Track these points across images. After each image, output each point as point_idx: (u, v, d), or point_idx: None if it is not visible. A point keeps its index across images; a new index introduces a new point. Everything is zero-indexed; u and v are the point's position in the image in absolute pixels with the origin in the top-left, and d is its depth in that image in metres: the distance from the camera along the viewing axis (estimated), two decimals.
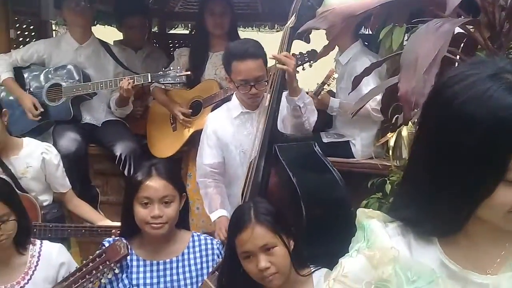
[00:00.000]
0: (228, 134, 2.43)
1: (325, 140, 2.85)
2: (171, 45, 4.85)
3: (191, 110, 3.06)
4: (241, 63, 2.21)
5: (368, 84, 2.27)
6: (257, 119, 2.29)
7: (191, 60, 3.14)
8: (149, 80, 2.85)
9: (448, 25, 1.31)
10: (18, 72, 3.09)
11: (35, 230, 2.09)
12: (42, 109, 2.96)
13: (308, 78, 3.25)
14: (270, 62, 2.31)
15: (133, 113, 3.28)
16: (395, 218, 0.90)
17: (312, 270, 1.60)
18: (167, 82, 2.82)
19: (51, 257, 1.91)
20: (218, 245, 1.94)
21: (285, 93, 2.24)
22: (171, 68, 2.89)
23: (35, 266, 1.87)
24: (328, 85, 2.77)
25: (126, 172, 2.95)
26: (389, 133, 2.46)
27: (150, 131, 3.28)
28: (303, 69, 2.71)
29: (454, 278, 0.82)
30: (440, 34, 1.29)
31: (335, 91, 3.08)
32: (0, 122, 2.27)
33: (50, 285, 1.84)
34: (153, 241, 1.82)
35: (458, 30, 1.49)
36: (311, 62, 2.68)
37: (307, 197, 1.79)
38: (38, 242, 1.94)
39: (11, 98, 3.04)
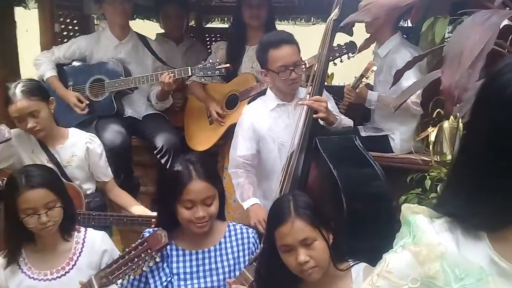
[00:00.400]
0: (265, 126, 2.44)
1: (363, 134, 2.82)
2: (207, 39, 4.89)
3: (226, 111, 3.08)
4: (279, 50, 2.28)
5: (409, 77, 2.24)
6: (293, 111, 2.29)
7: (228, 53, 3.16)
8: (189, 74, 2.88)
9: (496, 17, 1.27)
10: (61, 68, 3.18)
11: (79, 217, 2.16)
12: (87, 101, 3.03)
13: (346, 71, 3.22)
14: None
15: (173, 106, 3.33)
16: (442, 213, 0.88)
17: (351, 264, 1.60)
18: (206, 75, 2.85)
19: (95, 244, 1.97)
20: (253, 234, 1.96)
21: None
22: (210, 61, 2.90)
23: (80, 253, 1.94)
24: (367, 78, 2.73)
25: (165, 162, 3.00)
26: (430, 127, 2.41)
27: (188, 124, 3.33)
28: (341, 61, 2.69)
29: (504, 276, 0.80)
30: (487, 27, 1.25)
31: (372, 84, 3.04)
32: (47, 109, 2.35)
33: (93, 271, 1.89)
34: (193, 233, 1.85)
35: (505, 22, 1.44)
36: (350, 54, 2.65)
37: (348, 191, 1.78)
38: (82, 229, 2.00)
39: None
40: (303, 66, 2.32)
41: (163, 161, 3.02)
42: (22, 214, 1.80)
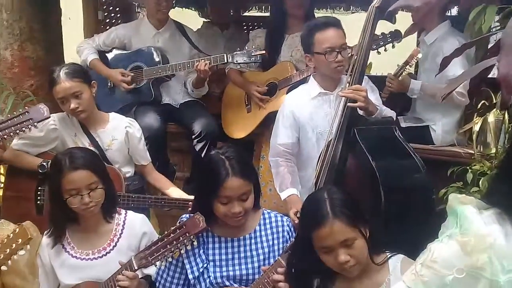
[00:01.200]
0: (305, 114, 2.42)
1: (403, 124, 2.76)
2: (245, 27, 4.88)
3: (267, 88, 3.07)
4: (325, 32, 2.29)
5: (455, 66, 2.17)
6: (334, 101, 2.26)
7: (267, 41, 3.13)
8: (225, 61, 2.88)
9: None
10: (101, 56, 3.24)
11: (119, 199, 2.20)
12: (131, 74, 3.07)
13: (384, 61, 3.14)
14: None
15: (211, 94, 3.35)
16: (491, 205, 0.86)
17: (388, 256, 1.57)
18: (242, 62, 2.84)
19: (135, 226, 2.01)
20: (288, 222, 1.95)
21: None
22: (246, 48, 2.90)
23: (120, 234, 1.99)
24: (411, 66, 2.66)
25: (199, 147, 3.03)
26: (474, 118, 2.34)
27: (225, 112, 3.33)
28: (385, 50, 2.63)
29: None
30: None
31: (414, 73, 2.97)
32: (89, 91, 2.41)
33: (133, 252, 1.93)
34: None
35: None
36: (394, 42, 2.59)
37: (386, 183, 1.74)
38: (123, 211, 2.05)
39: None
40: (349, 50, 2.30)
41: (199, 146, 3.04)
42: (66, 194, 1.85)
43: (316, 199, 1.57)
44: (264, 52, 2.83)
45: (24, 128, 2.20)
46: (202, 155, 3.01)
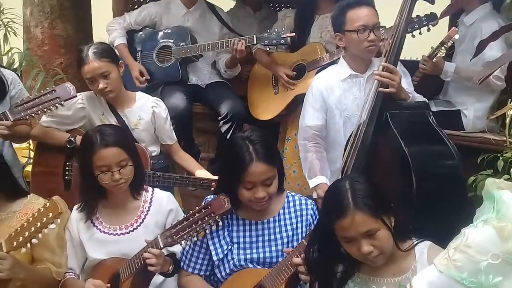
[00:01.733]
0: (334, 97, 2.39)
1: (433, 108, 2.67)
2: (272, 8, 4.81)
3: (295, 72, 3.03)
4: (358, 10, 2.25)
5: (492, 49, 2.10)
6: (364, 84, 2.22)
7: (296, 22, 3.08)
8: (254, 42, 2.85)
9: None
10: (131, 34, 3.26)
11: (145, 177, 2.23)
12: (148, 77, 3.10)
13: (413, 45, 3.05)
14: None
15: (239, 75, 3.32)
16: None
17: (415, 243, 1.54)
18: (271, 44, 2.81)
19: (162, 203, 2.03)
20: (312, 205, 1.94)
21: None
22: (276, 29, 2.86)
23: (147, 211, 2.01)
24: (445, 48, 2.57)
25: (225, 129, 3.03)
26: (508, 103, 2.25)
27: (252, 93, 3.30)
28: (420, 33, 2.56)
29: None
30: None
31: (448, 58, 2.88)
32: (117, 71, 2.43)
33: (159, 229, 1.96)
34: None
35: None
36: (430, 25, 2.51)
37: (419, 169, 1.70)
38: (150, 189, 2.08)
39: None
40: (382, 29, 2.25)
41: (224, 128, 3.04)
42: (96, 171, 1.88)
43: (338, 189, 1.53)
44: (294, 34, 2.78)
45: (51, 107, 2.22)
46: (228, 136, 3.01)
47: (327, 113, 2.41)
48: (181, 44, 3.08)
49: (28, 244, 1.68)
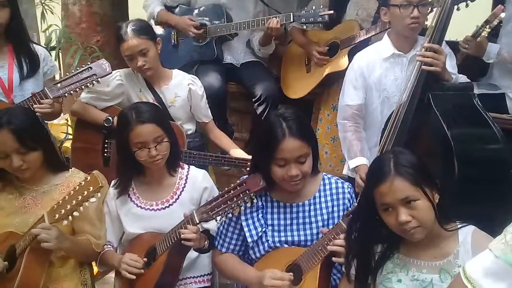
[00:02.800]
0: (374, 76, 2.34)
1: (476, 91, 2.58)
2: None
3: (327, 47, 2.97)
4: None
5: None
6: (407, 65, 2.15)
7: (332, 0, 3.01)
8: (291, 20, 2.81)
9: None
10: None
11: (181, 155, 2.25)
12: (198, 24, 3.06)
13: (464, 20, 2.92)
14: None
15: (275, 53, 3.28)
16: None
17: (459, 226, 1.50)
18: (308, 21, 2.75)
19: (197, 180, 2.05)
20: (349, 189, 1.91)
21: None
22: (313, 7, 2.79)
23: (183, 188, 2.04)
24: (490, 27, 2.45)
25: (260, 110, 3.01)
26: None
27: (285, 72, 3.28)
28: (458, 9, 2.45)
29: None
30: None
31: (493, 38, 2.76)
32: (155, 48, 2.44)
33: (194, 206, 1.98)
34: None
35: None
36: (468, 1, 2.41)
37: (461, 153, 1.65)
38: (186, 166, 2.10)
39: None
40: (429, 6, 2.17)
41: (260, 109, 3.03)
42: (133, 147, 1.91)
43: (382, 158, 1.55)
44: (332, 12, 2.72)
45: (88, 84, 2.26)
46: (263, 117, 2.98)
47: (366, 92, 2.36)
48: (217, 22, 3.06)
49: (70, 217, 1.73)
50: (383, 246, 1.55)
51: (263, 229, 1.85)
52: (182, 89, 2.53)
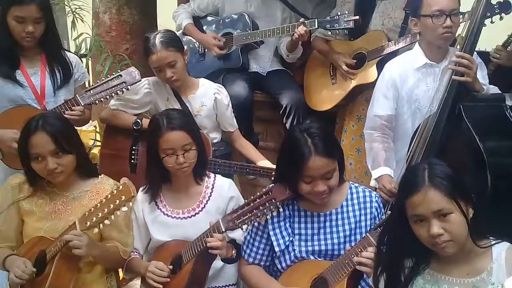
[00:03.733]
0: (406, 86, 2.31)
1: (509, 102, 2.54)
2: None
3: (355, 61, 2.94)
4: None
5: None
6: (439, 75, 2.12)
7: (357, 8, 2.95)
8: (316, 26, 2.78)
9: None
10: (195, 22, 3.25)
11: None
12: (224, 39, 3.08)
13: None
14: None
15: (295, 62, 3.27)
16: None
17: (492, 243, 1.46)
18: (333, 27, 2.72)
19: (223, 189, 2.06)
20: (377, 198, 1.90)
21: None
22: (339, 13, 2.74)
23: (209, 197, 2.05)
24: None
25: (289, 123, 2.99)
26: None
27: (308, 83, 3.22)
28: (492, 22, 2.41)
29: None
30: None
31: None
32: (183, 60, 2.47)
33: (220, 215, 1.98)
34: None
35: None
36: (502, 14, 2.36)
37: (495, 165, 1.61)
38: (212, 175, 2.11)
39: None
40: (461, 15, 2.14)
41: (288, 122, 3.00)
42: (162, 154, 1.93)
43: (416, 168, 1.51)
44: (357, 17, 2.68)
45: (118, 91, 2.29)
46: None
47: (397, 103, 2.34)
48: (243, 30, 3.08)
49: (101, 225, 1.75)
50: (412, 260, 1.52)
51: (291, 238, 1.84)
52: (208, 98, 2.55)
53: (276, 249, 1.84)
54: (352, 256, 1.72)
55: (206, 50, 3.21)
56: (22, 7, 2.18)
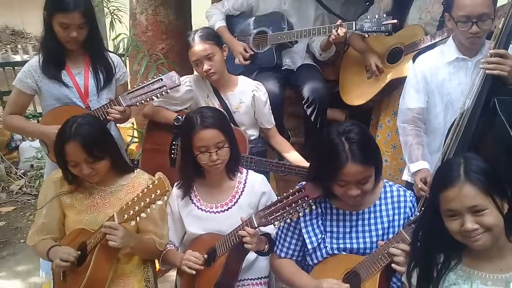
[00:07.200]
0: (437, 80, 2.27)
1: None
2: None
3: (387, 65, 2.91)
4: None
5: None
6: (472, 69, 2.07)
7: (394, 3, 2.93)
8: (354, 29, 2.75)
9: None
10: (228, 19, 3.29)
11: (242, 160, 2.31)
12: (252, 52, 3.12)
13: None
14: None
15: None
16: None
17: None
18: (371, 30, 2.69)
19: (255, 185, 2.09)
20: (411, 197, 1.87)
21: None
22: (376, 16, 2.70)
23: (241, 192, 2.08)
24: None
25: (313, 117, 3.00)
26: None
27: (344, 78, 3.23)
28: None
29: None
30: None
31: None
32: (221, 54, 2.51)
33: (252, 210, 2.03)
34: None
35: None
36: None
37: None
38: (244, 171, 2.14)
39: None
40: (491, 20, 2.04)
41: (308, 111, 3.00)
42: (196, 151, 1.98)
43: (452, 162, 1.49)
44: (395, 21, 2.64)
45: (158, 94, 2.36)
46: (312, 119, 2.99)
47: (428, 96, 2.31)
48: (277, 30, 3.08)
49: (138, 217, 1.82)
50: (446, 255, 1.51)
51: (323, 236, 1.85)
52: (247, 95, 2.59)
53: (309, 246, 1.86)
54: (385, 251, 1.71)
55: None
56: (66, 14, 2.27)
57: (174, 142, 2.63)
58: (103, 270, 1.89)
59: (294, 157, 2.54)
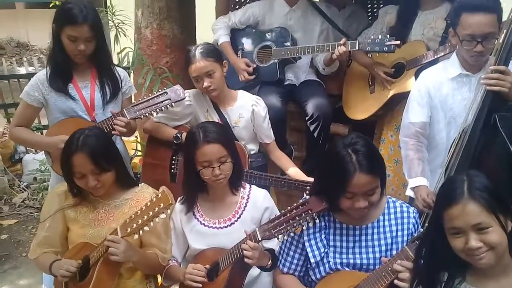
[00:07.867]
0: (441, 95, 2.28)
1: None
2: (369, 5, 4.69)
3: (393, 70, 2.93)
4: (472, 16, 2.05)
5: None
6: (475, 85, 2.08)
7: (398, 18, 2.96)
8: (357, 48, 2.78)
9: None
10: (233, 33, 3.32)
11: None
12: (254, 65, 3.13)
13: None
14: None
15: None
16: None
17: None
18: (373, 50, 2.71)
19: (258, 200, 2.10)
20: (414, 213, 1.87)
21: None
22: (380, 37, 2.72)
23: (244, 207, 2.09)
24: None
25: (316, 133, 3.01)
26: None
27: (347, 93, 3.26)
28: None
29: None
30: None
31: None
32: (221, 71, 2.52)
33: (255, 225, 2.02)
34: None
35: None
36: None
37: None
38: (247, 186, 2.15)
39: None
40: (495, 39, 2.04)
41: (312, 127, 3.02)
42: (199, 166, 1.98)
43: (455, 179, 1.49)
44: (399, 42, 2.66)
45: (162, 107, 2.37)
46: (315, 135, 3.01)
47: (431, 111, 2.31)
48: (281, 45, 3.11)
49: (141, 231, 1.82)
50: (449, 273, 1.50)
51: (326, 250, 1.85)
52: (246, 110, 2.59)
53: (312, 260, 1.85)
54: (389, 268, 1.70)
55: None
56: (75, 27, 2.30)
57: (174, 157, 2.64)
58: (105, 284, 1.89)
59: (293, 171, 2.54)
